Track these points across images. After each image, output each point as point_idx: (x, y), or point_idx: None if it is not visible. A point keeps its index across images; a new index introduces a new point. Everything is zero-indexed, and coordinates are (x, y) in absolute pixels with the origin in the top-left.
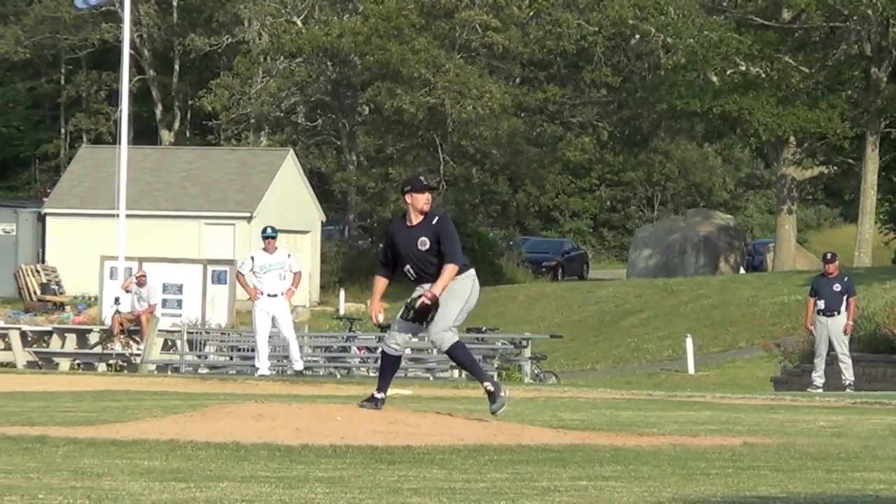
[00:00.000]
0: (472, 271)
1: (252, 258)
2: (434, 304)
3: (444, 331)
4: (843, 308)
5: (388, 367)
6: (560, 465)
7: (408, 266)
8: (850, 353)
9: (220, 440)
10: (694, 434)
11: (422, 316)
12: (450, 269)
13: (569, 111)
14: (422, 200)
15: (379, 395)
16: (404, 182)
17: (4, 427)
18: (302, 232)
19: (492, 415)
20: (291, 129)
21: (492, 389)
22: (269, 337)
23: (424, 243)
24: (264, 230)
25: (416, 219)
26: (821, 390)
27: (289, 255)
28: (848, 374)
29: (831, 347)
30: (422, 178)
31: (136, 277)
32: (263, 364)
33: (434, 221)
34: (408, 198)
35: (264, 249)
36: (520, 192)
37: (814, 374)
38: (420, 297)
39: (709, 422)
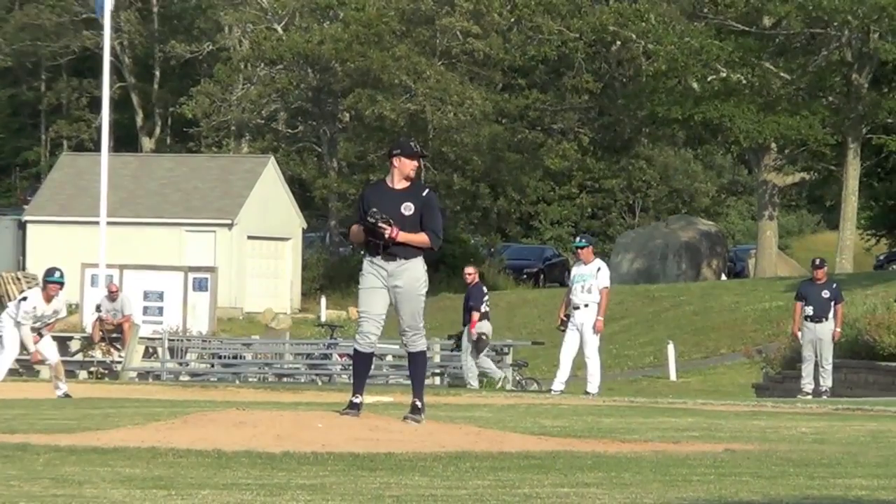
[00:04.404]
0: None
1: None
2: (389, 241)
3: (422, 330)
4: (830, 314)
5: (361, 366)
6: (542, 471)
7: None
8: (832, 359)
9: (201, 447)
10: (676, 440)
11: (372, 231)
12: (423, 235)
13: (550, 117)
14: (409, 166)
15: (357, 400)
16: (393, 144)
17: None
18: (283, 239)
19: (403, 420)
20: (272, 136)
21: (420, 406)
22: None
23: (409, 208)
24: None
25: (399, 183)
26: (810, 396)
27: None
28: (828, 381)
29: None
30: (412, 143)
31: (109, 293)
32: None
33: (424, 193)
34: (395, 161)
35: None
36: (501, 198)
37: (802, 381)
38: (389, 224)
39: (691, 428)
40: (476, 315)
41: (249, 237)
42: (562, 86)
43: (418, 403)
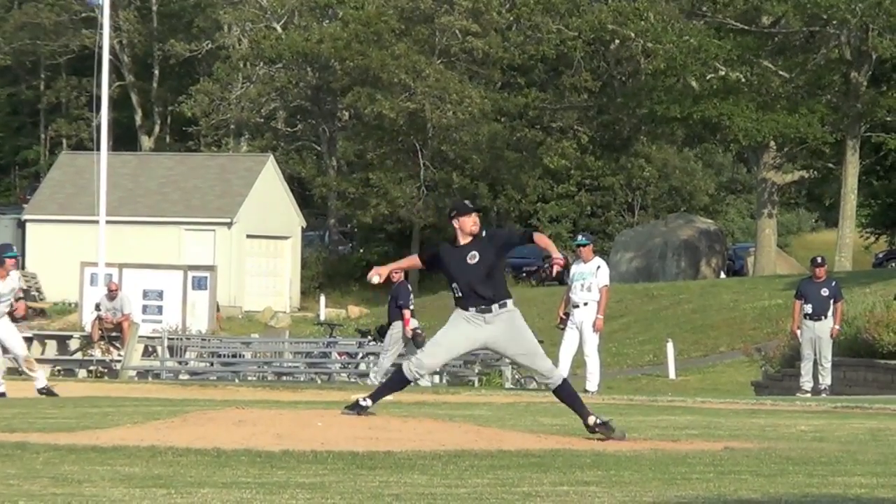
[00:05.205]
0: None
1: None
2: (566, 265)
3: (550, 363)
4: (829, 312)
5: (396, 385)
6: (541, 470)
7: (455, 284)
8: (832, 357)
9: (200, 446)
10: (675, 439)
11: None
12: (538, 234)
13: (549, 116)
14: (469, 223)
15: (364, 403)
16: (450, 209)
17: None
18: (282, 237)
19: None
20: (271, 135)
21: (601, 422)
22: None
23: (474, 257)
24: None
25: (465, 240)
26: (809, 394)
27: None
28: (827, 379)
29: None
30: (466, 201)
31: (108, 291)
32: None
33: (483, 234)
34: (455, 223)
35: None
36: (500, 197)
37: (802, 380)
38: (553, 265)
39: (690, 426)
40: (408, 313)
41: (248, 236)
42: (561, 84)
43: (596, 421)
